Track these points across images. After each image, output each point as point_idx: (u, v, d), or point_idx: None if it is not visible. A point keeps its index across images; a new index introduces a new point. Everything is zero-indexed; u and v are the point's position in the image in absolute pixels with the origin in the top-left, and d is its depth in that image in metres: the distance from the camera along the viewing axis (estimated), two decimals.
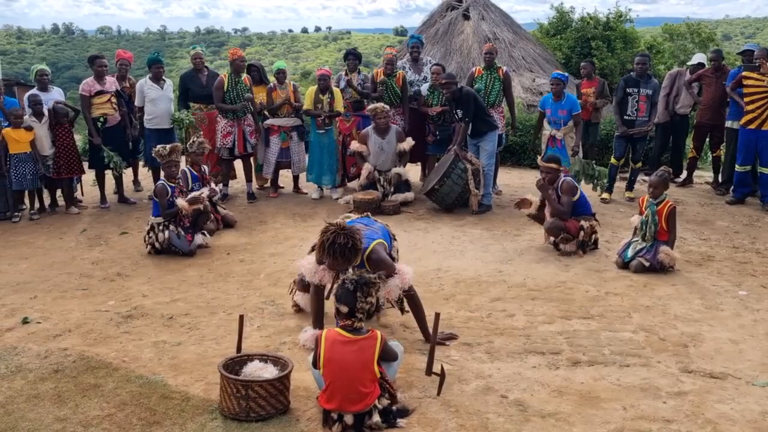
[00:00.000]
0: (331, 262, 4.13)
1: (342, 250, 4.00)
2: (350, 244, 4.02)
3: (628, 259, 6.14)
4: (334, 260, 4.07)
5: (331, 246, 4.01)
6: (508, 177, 10.24)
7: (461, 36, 15.81)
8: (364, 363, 3.53)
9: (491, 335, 4.71)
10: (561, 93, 8.22)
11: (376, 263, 4.29)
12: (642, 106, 8.54)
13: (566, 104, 8.19)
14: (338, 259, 4.05)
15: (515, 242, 7.04)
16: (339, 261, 4.07)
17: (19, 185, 8.12)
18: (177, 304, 5.40)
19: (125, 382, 4.03)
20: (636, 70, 8.63)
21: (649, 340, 4.62)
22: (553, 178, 6.65)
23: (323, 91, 8.61)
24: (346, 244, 4.00)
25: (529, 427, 3.54)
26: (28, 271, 6.40)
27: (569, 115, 8.19)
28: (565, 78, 8.32)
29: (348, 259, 4.07)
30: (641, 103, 8.53)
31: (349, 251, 4.03)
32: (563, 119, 8.21)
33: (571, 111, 8.17)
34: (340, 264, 4.10)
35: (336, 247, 3.99)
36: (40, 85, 8.58)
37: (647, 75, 8.62)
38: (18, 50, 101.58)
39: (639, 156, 8.85)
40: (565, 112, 8.18)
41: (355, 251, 4.08)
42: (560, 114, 8.21)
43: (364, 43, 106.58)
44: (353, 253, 4.07)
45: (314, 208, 8.56)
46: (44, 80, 8.57)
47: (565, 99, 8.23)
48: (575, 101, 8.30)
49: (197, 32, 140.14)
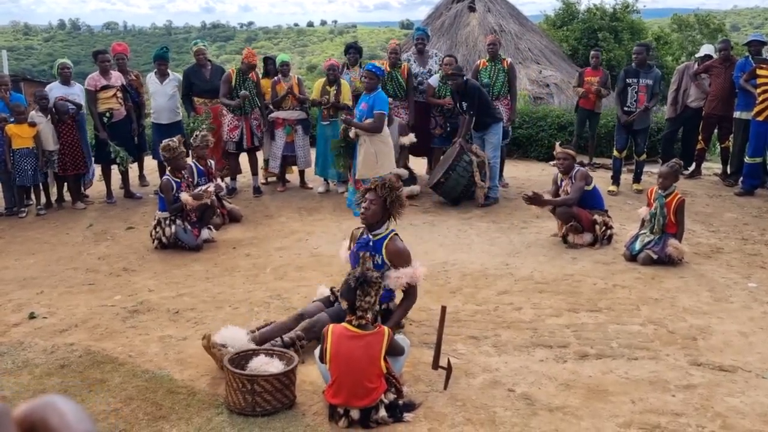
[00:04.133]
0: (372, 198, 4.31)
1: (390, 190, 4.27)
2: (390, 186, 4.30)
3: (635, 251, 6.09)
4: (378, 196, 4.30)
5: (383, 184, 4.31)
6: (515, 169, 10.19)
7: (467, 28, 15.73)
8: (371, 358, 3.52)
9: (498, 328, 4.68)
10: (374, 87, 7.20)
11: (394, 253, 4.33)
12: (642, 97, 8.44)
13: (371, 99, 7.18)
14: (381, 196, 4.27)
15: (522, 235, 7.01)
16: (380, 199, 4.29)
17: (21, 181, 8.12)
18: (183, 298, 5.40)
19: (131, 377, 4.03)
20: (635, 60, 8.58)
21: (658, 333, 4.58)
22: (569, 166, 6.61)
23: (331, 82, 8.58)
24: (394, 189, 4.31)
25: (536, 420, 3.51)
26: (35, 266, 6.41)
27: (370, 111, 7.12)
28: (381, 72, 7.29)
29: (390, 197, 4.28)
30: (641, 93, 8.45)
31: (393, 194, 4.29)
32: (365, 115, 7.16)
33: (373, 108, 7.10)
34: (377, 204, 4.29)
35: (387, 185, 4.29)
36: (62, 79, 8.56)
37: (648, 65, 8.55)
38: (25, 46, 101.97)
39: (642, 149, 8.79)
40: (367, 106, 7.15)
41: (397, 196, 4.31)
42: (362, 108, 7.22)
43: (370, 36, 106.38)
44: (393, 200, 4.29)
45: (320, 202, 8.54)
46: (66, 74, 8.56)
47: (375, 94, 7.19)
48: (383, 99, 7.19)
49: (203, 27, 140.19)
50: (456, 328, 4.67)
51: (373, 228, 4.39)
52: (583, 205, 6.56)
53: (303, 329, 4.24)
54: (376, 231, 4.39)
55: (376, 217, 4.34)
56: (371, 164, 7.04)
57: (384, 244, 4.36)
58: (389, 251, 4.34)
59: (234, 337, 4.14)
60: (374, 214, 4.33)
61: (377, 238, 4.38)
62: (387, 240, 4.37)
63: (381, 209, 4.32)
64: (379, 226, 4.39)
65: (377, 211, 4.32)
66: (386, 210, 4.34)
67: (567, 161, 6.60)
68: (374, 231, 4.39)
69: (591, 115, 10.05)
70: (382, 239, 4.37)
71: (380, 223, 4.38)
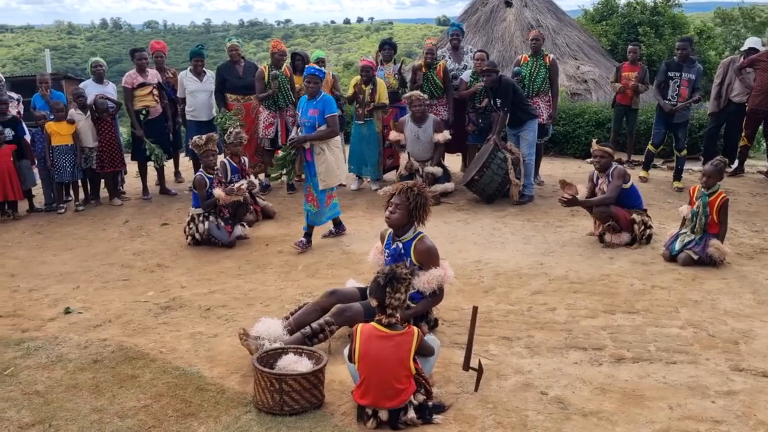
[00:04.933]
0: (398, 203, 4.23)
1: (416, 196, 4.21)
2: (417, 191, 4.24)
3: (675, 251, 5.92)
4: (405, 200, 4.21)
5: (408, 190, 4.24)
6: (550, 167, 10.03)
7: (503, 24, 15.56)
8: (400, 359, 3.46)
9: (531, 329, 4.59)
10: (318, 91, 6.45)
11: (423, 253, 4.27)
12: (684, 91, 8.37)
13: (319, 104, 6.42)
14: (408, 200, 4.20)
15: (557, 234, 6.87)
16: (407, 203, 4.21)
17: (60, 177, 8.28)
18: (215, 295, 5.42)
19: (162, 373, 4.04)
20: (679, 54, 8.51)
21: (698, 337, 4.43)
22: (606, 164, 6.46)
23: (366, 82, 8.53)
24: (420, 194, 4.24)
25: (569, 425, 3.42)
26: (72, 261, 6.51)
27: (321, 117, 6.39)
28: (323, 75, 6.58)
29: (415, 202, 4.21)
30: (683, 87, 8.37)
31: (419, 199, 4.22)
32: (316, 121, 6.40)
33: (324, 113, 6.39)
34: (403, 209, 4.22)
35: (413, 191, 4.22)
36: (95, 77, 8.71)
37: (690, 59, 8.46)
38: (68, 45, 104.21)
39: (682, 144, 8.61)
40: (317, 112, 6.39)
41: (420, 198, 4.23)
42: (311, 114, 6.43)
43: (406, 33, 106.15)
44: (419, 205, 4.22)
45: (353, 199, 8.52)
46: (100, 71, 8.71)
47: (320, 98, 6.46)
48: (331, 101, 6.50)
49: (241, 25, 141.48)
50: (488, 329, 4.59)
51: (399, 232, 4.34)
52: (621, 203, 6.40)
53: (333, 314, 4.20)
54: (403, 235, 4.33)
55: (401, 222, 4.28)
56: (333, 172, 6.53)
57: (412, 245, 4.30)
58: (418, 251, 4.28)
59: (269, 329, 4.15)
60: (398, 220, 4.27)
61: (405, 241, 4.33)
62: (415, 241, 4.31)
63: (406, 214, 4.26)
64: (405, 230, 4.33)
65: (402, 216, 4.26)
66: (411, 215, 4.27)
67: (604, 159, 6.46)
68: (401, 235, 4.34)
69: (628, 111, 9.84)
70: (409, 242, 4.32)
71: (406, 227, 4.32)
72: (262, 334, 4.11)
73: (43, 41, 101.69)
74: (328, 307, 4.39)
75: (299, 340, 4.09)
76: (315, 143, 6.42)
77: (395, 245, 4.37)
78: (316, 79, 6.38)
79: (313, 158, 6.45)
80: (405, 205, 4.23)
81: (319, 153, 6.42)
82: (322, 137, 6.39)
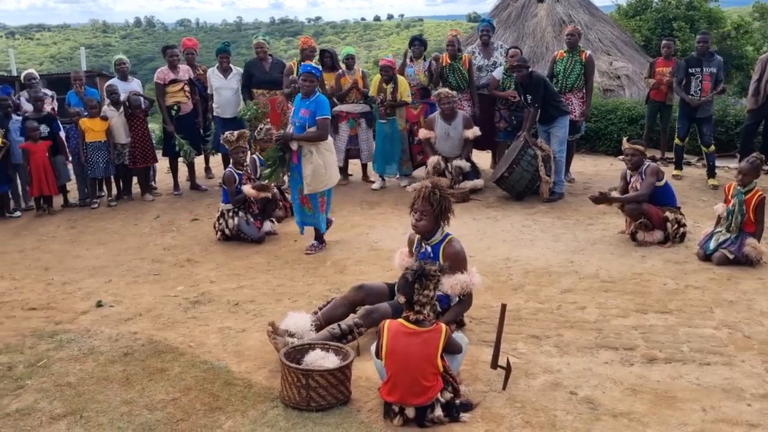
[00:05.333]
0: (423, 210, 4.18)
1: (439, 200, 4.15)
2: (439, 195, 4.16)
3: (710, 251, 5.79)
4: (430, 206, 4.15)
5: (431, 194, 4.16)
6: (581, 164, 9.90)
7: (534, 19, 15.42)
8: (428, 356, 3.43)
9: (561, 328, 4.52)
10: (313, 90, 6.14)
11: (451, 256, 4.23)
12: (706, 86, 8.36)
13: (311, 104, 6.11)
14: (433, 206, 4.15)
15: (588, 232, 6.78)
16: (432, 209, 4.16)
17: (93, 173, 8.42)
18: (243, 290, 5.45)
19: (190, 367, 4.08)
20: (697, 48, 8.55)
21: (733, 338, 4.33)
22: (638, 162, 6.35)
23: (387, 81, 8.49)
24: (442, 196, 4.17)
25: (599, 426, 3.36)
26: (105, 255, 6.61)
27: (312, 118, 6.08)
28: (319, 73, 6.31)
29: (440, 207, 4.16)
30: (705, 82, 8.36)
31: (436, 197, 4.15)
32: (306, 122, 6.10)
33: (315, 114, 6.08)
34: (429, 215, 4.17)
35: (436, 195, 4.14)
36: (119, 75, 8.85)
37: (709, 53, 8.49)
38: (103, 44, 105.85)
39: (708, 139, 8.48)
40: (309, 113, 6.10)
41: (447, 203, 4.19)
42: (302, 115, 6.13)
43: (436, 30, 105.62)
44: (440, 203, 4.16)
45: (382, 195, 8.50)
46: (123, 69, 8.83)
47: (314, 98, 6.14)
48: (324, 103, 6.17)
49: (272, 22, 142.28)
50: (517, 327, 4.55)
51: (426, 236, 4.30)
52: (654, 201, 6.28)
53: (361, 316, 4.20)
54: (431, 238, 4.30)
55: (428, 228, 4.25)
56: (321, 177, 6.15)
57: (441, 248, 4.26)
58: (446, 254, 4.24)
59: (297, 323, 4.17)
60: (425, 227, 4.24)
61: (433, 244, 4.29)
62: (444, 243, 4.27)
63: (432, 220, 4.22)
64: (432, 233, 4.29)
65: (428, 223, 4.22)
66: (437, 219, 4.23)
67: (636, 157, 6.34)
68: (429, 239, 4.30)
69: (662, 107, 9.66)
70: (438, 245, 4.28)
71: (434, 230, 4.28)
72: (291, 328, 4.13)
73: (78, 40, 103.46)
74: (356, 301, 4.40)
75: (326, 338, 4.09)
76: (304, 145, 6.11)
77: (424, 249, 4.34)
78: (312, 77, 6.07)
79: (300, 161, 6.14)
80: (429, 212, 4.18)
81: (306, 155, 6.09)
82: (309, 139, 6.07)
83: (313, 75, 6.08)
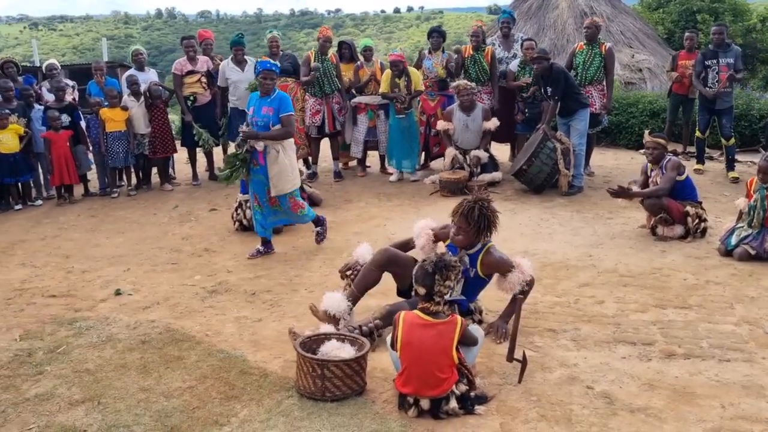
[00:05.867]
0: (462, 226, 4.10)
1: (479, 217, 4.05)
2: (489, 215, 4.10)
3: (731, 246, 5.71)
4: (467, 224, 4.07)
5: (470, 211, 4.06)
6: (601, 158, 9.80)
7: (555, 11, 15.25)
8: (443, 348, 3.42)
9: (578, 322, 4.49)
10: (273, 88, 5.89)
11: (492, 265, 4.19)
12: (723, 77, 8.22)
13: (274, 102, 5.85)
14: (471, 224, 4.06)
15: (607, 226, 6.71)
16: (471, 227, 4.07)
17: (113, 162, 8.50)
18: (260, 280, 5.47)
19: (207, 356, 4.10)
20: (713, 40, 8.45)
21: (754, 334, 4.26)
22: (659, 156, 6.27)
23: (398, 76, 8.43)
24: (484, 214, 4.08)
25: (615, 421, 3.33)
26: (124, 244, 6.67)
27: (276, 115, 5.81)
28: (278, 70, 6.03)
29: (479, 228, 4.08)
30: (722, 73, 8.23)
31: (485, 220, 4.07)
32: (270, 120, 5.82)
33: (278, 111, 5.82)
34: (469, 231, 4.09)
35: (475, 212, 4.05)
36: (136, 65, 8.91)
37: (726, 44, 8.37)
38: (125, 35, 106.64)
39: (728, 132, 8.37)
40: (272, 110, 5.82)
41: (489, 225, 4.11)
42: (264, 113, 5.85)
43: (456, 22, 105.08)
44: (486, 226, 4.09)
45: (400, 187, 8.49)
46: (140, 59, 8.89)
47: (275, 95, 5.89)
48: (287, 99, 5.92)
49: (292, 14, 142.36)
50: (533, 320, 4.52)
51: (466, 248, 4.21)
52: (674, 196, 6.21)
53: (383, 316, 4.15)
54: (471, 249, 4.21)
55: (468, 242, 4.17)
56: (288, 177, 5.91)
57: (479, 257, 4.18)
58: (485, 264, 4.16)
59: (332, 303, 4.23)
60: (463, 241, 4.16)
61: (471, 253, 4.20)
62: (482, 253, 4.18)
63: (472, 236, 4.12)
64: (473, 245, 4.20)
65: (467, 238, 4.13)
66: (478, 234, 4.12)
67: (657, 151, 6.26)
68: (469, 249, 4.21)
69: (685, 100, 9.54)
70: (476, 254, 4.19)
71: (474, 243, 4.19)
72: (330, 309, 4.19)
73: (100, 31, 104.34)
74: (384, 263, 4.37)
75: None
76: (269, 145, 5.82)
77: (462, 255, 4.21)
78: (273, 75, 5.80)
79: (266, 161, 5.85)
80: (467, 229, 4.10)
81: (272, 155, 5.82)
82: (276, 137, 5.80)
83: (274, 73, 5.81)
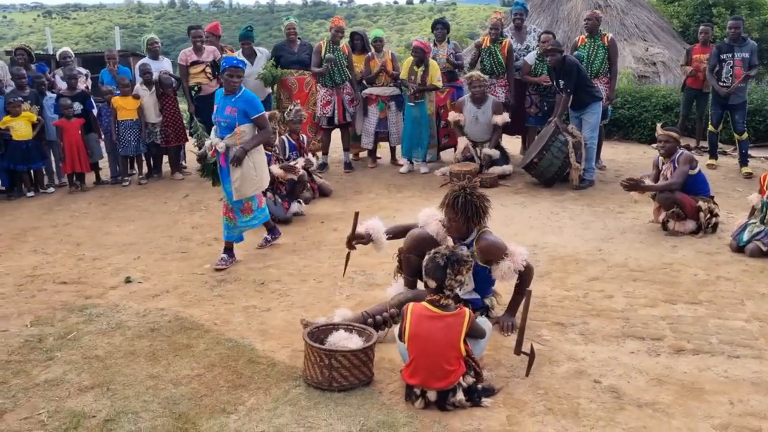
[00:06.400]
0: (451, 217, 4.08)
1: (464, 205, 3.99)
2: (475, 202, 4.01)
3: (743, 242, 5.67)
4: (454, 214, 4.03)
5: (454, 201, 4.01)
6: (613, 151, 9.75)
7: (569, 3, 15.14)
8: (450, 340, 3.42)
9: (587, 316, 4.47)
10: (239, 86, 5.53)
11: (485, 250, 4.12)
12: (738, 71, 8.15)
13: (238, 102, 5.47)
14: (458, 213, 4.01)
15: (618, 220, 6.68)
16: (458, 216, 4.02)
17: (125, 151, 8.54)
18: (269, 270, 5.48)
19: (215, 344, 4.12)
20: (729, 34, 8.34)
21: (764, 331, 4.23)
22: (671, 149, 6.23)
23: (418, 63, 8.41)
24: (470, 201, 4.00)
25: (623, 416, 3.32)
26: (134, 232, 6.70)
27: (241, 116, 5.46)
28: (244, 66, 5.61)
29: (467, 216, 4.02)
30: (737, 68, 8.17)
31: (471, 207, 4.00)
32: (237, 121, 5.46)
33: (246, 113, 5.48)
34: (458, 221, 4.05)
35: (459, 201, 3.99)
36: (151, 54, 8.91)
37: (742, 38, 8.28)
38: (138, 24, 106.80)
39: (741, 127, 8.31)
40: (235, 111, 5.45)
41: (477, 211, 4.03)
42: (227, 113, 5.48)
43: (469, 14, 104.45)
44: (474, 212, 4.02)
45: (410, 179, 8.47)
46: (155, 48, 8.89)
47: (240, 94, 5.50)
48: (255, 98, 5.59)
49: (304, 4, 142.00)
50: (542, 314, 4.51)
51: (461, 238, 4.18)
52: (686, 190, 6.16)
53: (397, 305, 4.11)
54: (467, 239, 4.17)
55: (460, 232, 4.14)
56: (252, 180, 5.55)
57: (474, 246, 4.13)
58: (481, 250, 4.11)
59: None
60: (454, 231, 4.14)
61: (467, 242, 4.17)
62: (475, 240, 4.14)
63: (462, 224, 4.08)
64: (468, 234, 4.16)
65: (458, 227, 4.10)
66: (468, 223, 4.08)
67: (669, 144, 6.21)
68: (465, 239, 4.18)
69: (699, 94, 9.46)
70: (472, 242, 4.16)
71: (468, 232, 4.15)
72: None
73: (113, 20, 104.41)
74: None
75: (360, 319, 4.06)
76: (232, 146, 5.46)
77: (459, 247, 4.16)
78: (240, 72, 5.43)
79: (227, 164, 5.50)
80: (456, 218, 4.06)
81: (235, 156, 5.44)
82: (257, 144, 5.55)
83: (240, 69, 5.45)
